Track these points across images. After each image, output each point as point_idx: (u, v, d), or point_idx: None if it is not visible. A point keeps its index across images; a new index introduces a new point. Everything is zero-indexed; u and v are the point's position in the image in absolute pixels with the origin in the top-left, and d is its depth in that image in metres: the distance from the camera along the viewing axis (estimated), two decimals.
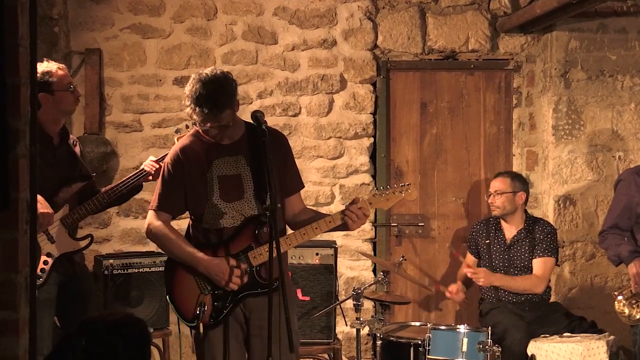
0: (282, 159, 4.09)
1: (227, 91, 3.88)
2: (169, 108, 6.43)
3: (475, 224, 5.88)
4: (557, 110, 6.28)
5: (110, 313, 2.91)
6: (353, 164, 6.47)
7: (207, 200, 3.98)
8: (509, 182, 5.68)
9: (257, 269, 3.97)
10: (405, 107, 6.54)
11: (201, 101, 3.84)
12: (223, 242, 3.99)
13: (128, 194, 4.78)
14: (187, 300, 3.99)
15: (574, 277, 6.31)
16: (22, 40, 2.52)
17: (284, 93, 6.44)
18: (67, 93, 4.52)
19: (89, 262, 5.67)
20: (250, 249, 3.97)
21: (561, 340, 5.10)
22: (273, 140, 3.98)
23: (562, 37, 6.26)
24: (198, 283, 3.98)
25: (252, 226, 3.98)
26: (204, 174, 3.99)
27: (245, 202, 3.98)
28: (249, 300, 3.99)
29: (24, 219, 2.55)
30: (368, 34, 6.44)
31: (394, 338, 5.05)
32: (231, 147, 4.02)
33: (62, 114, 4.63)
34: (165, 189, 4.06)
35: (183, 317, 4.00)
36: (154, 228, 4.05)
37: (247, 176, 3.99)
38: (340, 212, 4.02)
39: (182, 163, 4.02)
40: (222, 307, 3.96)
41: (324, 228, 4.01)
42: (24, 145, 2.54)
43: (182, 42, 6.43)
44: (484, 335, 4.84)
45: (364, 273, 6.48)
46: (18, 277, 2.51)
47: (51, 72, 4.46)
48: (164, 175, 4.08)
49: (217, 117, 3.87)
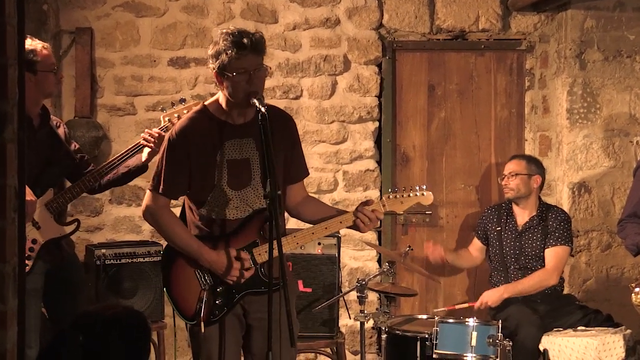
0: (289, 143, 4.02)
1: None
2: (164, 90, 6.42)
3: (487, 209, 5.89)
4: (572, 93, 6.26)
5: (108, 306, 2.88)
6: (357, 149, 6.46)
7: (213, 185, 3.87)
8: (525, 164, 5.69)
9: (261, 267, 3.90)
10: (412, 89, 6.52)
11: (241, 37, 3.73)
12: (226, 235, 3.91)
13: (129, 173, 4.73)
14: (187, 297, 3.92)
15: (589, 268, 6.30)
16: (9, 18, 2.50)
17: (285, 75, 6.42)
18: (50, 74, 4.51)
19: (80, 251, 5.68)
20: (255, 245, 3.90)
21: (575, 334, 5.10)
22: (281, 123, 3.94)
23: (577, 16, 6.24)
24: (199, 277, 3.91)
25: (258, 221, 3.90)
26: (213, 156, 3.86)
27: (252, 190, 3.89)
28: (248, 297, 3.94)
29: (11, 207, 2.54)
30: (373, 13, 6.42)
31: (400, 332, 5.06)
32: (242, 128, 3.90)
33: (43, 95, 4.61)
34: (167, 168, 3.89)
35: (182, 314, 3.93)
36: (153, 211, 3.93)
37: (256, 161, 3.89)
38: (352, 212, 3.97)
39: (189, 140, 3.87)
40: (223, 304, 3.91)
41: (333, 229, 3.99)
42: (11, 129, 2.53)
43: (178, 21, 6.41)
44: (494, 328, 4.84)
45: (369, 264, 6.48)
46: (6, 267, 2.50)
47: (35, 51, 4.44)
48: (167, 152, 3.90)
49: (260, 55, 3.79)
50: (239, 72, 3.74)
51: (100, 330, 2.69)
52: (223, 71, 3.76)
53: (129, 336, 2.73)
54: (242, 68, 3.74)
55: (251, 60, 3.76)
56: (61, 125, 4.80)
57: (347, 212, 4.01)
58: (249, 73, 3.75)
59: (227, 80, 3.78)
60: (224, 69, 3.76)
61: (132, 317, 2.79)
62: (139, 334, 2.78)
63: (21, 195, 2.62)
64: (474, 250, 5.87)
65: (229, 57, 3.72)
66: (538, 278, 5.49)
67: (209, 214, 3.92)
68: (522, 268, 5.57)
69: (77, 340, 2.66)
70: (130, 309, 2.87)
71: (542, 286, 5.49)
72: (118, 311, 2.79)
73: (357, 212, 3.95)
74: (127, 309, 2.87)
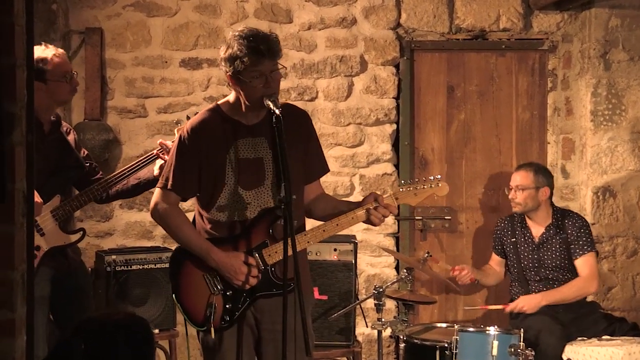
0: (305, 140, 4.02)
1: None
2: (175, 92, 6.43)
3: (499, 221, 5.83)
4: (596, 94, 6.24)
5: (110, 313, 2.90)
6: (374, 153, 6.46)
7: (224, 184, 3.88)
8: (532, 176, 5.61)
9: (272, 268, 3.90)
10: (431, 91, 6.51)
11: (257, 42, 3.73)
12: (234, 236, 3.91)
13: (139, 186, 4.73)
14: (196, 301, 3.91)
15: (613, 275, 6.27)
16: (17, 18, 2.51)
17: (300, 76, 6.42)
18: (62, 83, 4.50)
19: (89, 257, 5.70)
20: (264, 246, 3.90)
21: (600, 343, 5.07)
22: (296, 120, 3.94)
23: (601, 15, 6.21)
24: (207, 282, 3.91)
25: (266, 220, 3.90)
26: (225, 155, 3.87)
27: (264, 190, 3.89)
28: (260, 302, 3.92)
29: (20, 212, 2.54)
30: (390, 12, 6.41)
31: (419, 340, 5.04)
32: (255, 127, 3.91)
33: (56, 104, 4.64)
34: (178, 166, 3.90)
35: (192, 320, 3.93)
36: (161, 209, 3.93)
37: (269, 160, 3.89)
38: (365, 208, 3.93)
39: (200, 138, 3.89)
40: (234, 308, 3.90)
41: (345, 225, 3.94)
42: (20, 132, 2.54)
43: (190, 21, 6.43)
44: (516, 338, 4.82)
45: (386, 270, 6.47)
46: (14, 274, 2.51)
47: (46, 60, 4.44)
48: (178, 150, 3.92)
49: (277, 58, 3.79)
50: (255, 77, 3.75)
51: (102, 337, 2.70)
52: (238, 75, 3.77)
53: (132, 342, 2.74)
54: (258, 72, 3.75)
55: (268, 65, 3.77)
56: (71, 132, 4.82)
57: (358, 207, 3.96)
58: (265, 76, 3.76)
59: (242, 84, 3.79)
60: (239, 74, 3.76)
61: (134, 323, 2.80)
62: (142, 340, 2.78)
63: (30, 200, 2.62)
64: (495, 265, 5.82)
65: (245, 64, 3.73)
66: (577, 286, 5.46)
67: (219, 216, 3.92)
68: (542, 280, 5.54)
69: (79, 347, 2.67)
70: (133, 315, 2.88)
71: (581, 294, 5.48)
72: (120, 317, 2.80)
73: (369, 207, 3.93)
74: (129, 315, 2.88)
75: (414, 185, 4.03)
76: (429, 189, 4.03)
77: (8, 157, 2.47)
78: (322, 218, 4.05)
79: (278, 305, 3.64)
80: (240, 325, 3.93)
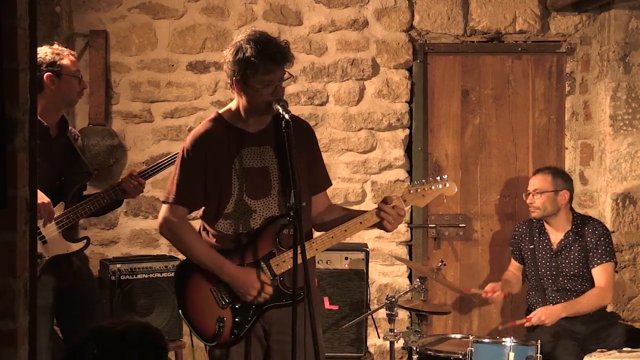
0: (311, 153, 4.03)
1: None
2: (182, 96, 6.45)
3: (518, 226, 5.82)
4: (616, 98, 6.23)
5: (123, 321, 2.90)
6: (386, 158, 6.46)
7: (230, 194, 3.89)
8: (550, 179, 5.60)
9: (280, 278, 3.90)
10: (445, 94, 6.51)
11: (271, 49, 3.74)
12: (241, 247, 3.91)
13: (107, 207, 4.75)
14: (204, 316, 3.91)
15: (634, 285, 6.26)
16: (20, 20, 2.52)
17: (310, 79, 6.43)
18: (74, 80, 4.56)
19: (94, 266, 5.70)
20: (272, 256, 3.89)
21: (620, 355, 5.04)
22: (300, 131, 3.93)
23: (621, 16, 6.21)
24: (215, 295, 3.91)
25: (272, 229, 3.89)
26: (230, 164, 3.88)
27: (271, 200, 3.90)
28: (269, 313, 3.92)
29: (22, 219, 2.55)
30: (403, 14, 6.42)
31: (432, 352, 5.03)
32: (259, 135, 3.92)
33: (64, 103, 4.67)
34: (182, 177, 3.91)
35: (201, 336, 3.92)
36: (170, 224, 3.93)
37: (275, 169, 3.91)
38: (373, 211, 3.95)
39: (204, 149, 3.89)
40: (243, 321, 3.89)
41: (354, 231, 3.95)
42: (22, 137, 2.55)
43: (197, 23, 6.44)
44: (533, 349, 4.80)
45: (399, 279, 6.47)
46: (16, 283, 2.52)
47: (62, 55, 4.54)
48: (183, 162, 3.93)
49: (284, 64, 3.78)
50: (266, 84, 3.77)
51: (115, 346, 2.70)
52: (246, 81, 3.78)
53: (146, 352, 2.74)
54: (270, 80, 3.77)
55: (279, 73, 3.79)
56: (79, 139, 4.86)
57: (366, 212, 3.98)
58: (275, 85, 3.78)
59: (249, 89, 3.80)
60: (248, 79, 3.77)
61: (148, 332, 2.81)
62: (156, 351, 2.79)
63: (33, 207, 2.62)
64: (515, 270, 5.80)
65: (257, 71, 3.74)
66: (595, 297, 5.45)
67: (225, 229, 3.92)
68: (560, 290, 5.51)
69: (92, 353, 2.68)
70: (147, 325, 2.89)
71: (599, 305, 5.46)
72: (134, 326, 2.81)
73: (378, 212, 3.93)
74: (143, 324, 2.89)
75: (422, 187, 4.05)
76: (436, 189, 4.05)
77: (10, 162, 2.48)
78: (332, 227, 4.04)
79: (287, 316, 3.66)
80: (249, 336, 3.93)
